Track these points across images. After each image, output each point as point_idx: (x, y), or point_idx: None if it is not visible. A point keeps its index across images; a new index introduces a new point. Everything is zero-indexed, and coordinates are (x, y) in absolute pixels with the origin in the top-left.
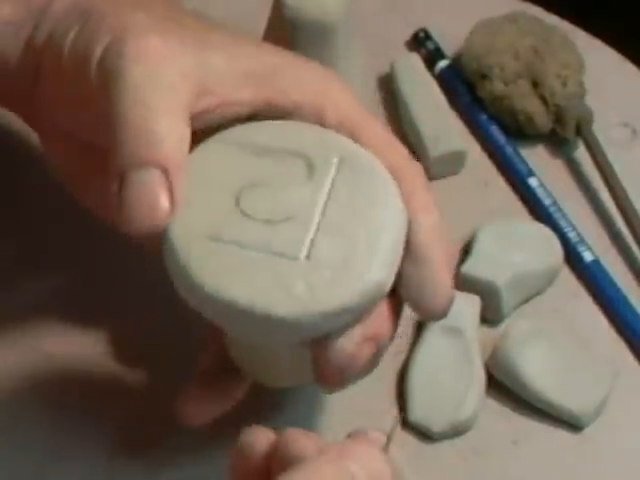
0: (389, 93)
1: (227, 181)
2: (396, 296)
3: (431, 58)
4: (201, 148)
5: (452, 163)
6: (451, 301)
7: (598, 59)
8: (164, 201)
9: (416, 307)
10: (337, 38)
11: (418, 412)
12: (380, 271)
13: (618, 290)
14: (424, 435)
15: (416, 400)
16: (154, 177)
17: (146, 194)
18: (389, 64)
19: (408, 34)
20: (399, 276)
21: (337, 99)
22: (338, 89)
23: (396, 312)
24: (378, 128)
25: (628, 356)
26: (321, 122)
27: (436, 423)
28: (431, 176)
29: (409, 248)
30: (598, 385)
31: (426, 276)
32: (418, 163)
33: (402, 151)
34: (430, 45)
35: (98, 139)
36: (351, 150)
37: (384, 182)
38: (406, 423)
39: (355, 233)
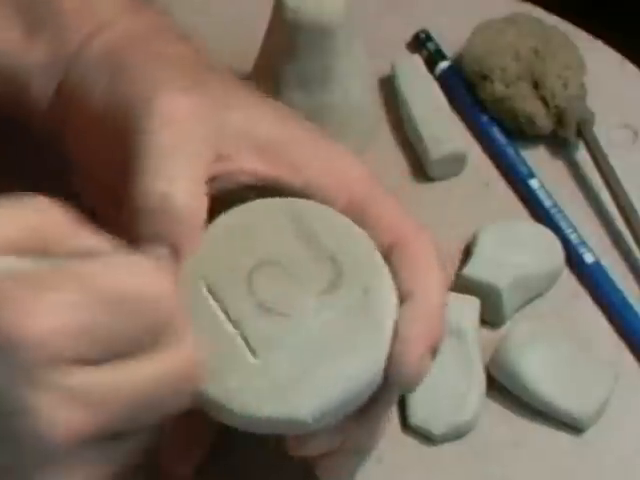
0: (390, 94)
1: (255, 246)
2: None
3: (432, 59)
4: (253, 206)
5: (453, 164)
6: (415, 381)
7: (599, 60)
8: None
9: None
10: (338, 39)
11: (419, 415)
12: (308, 413)
13: (619, 292)
14: (425, 438)
15: (417, 403)
16: (161, 255)
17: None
18: (390, 65)
19: (409, 35)
20: None
21: (350, 178)
22: (352, 167)
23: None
24: (387, 205)
25: (629, 358)
26: (329, 202)
27: (437, 426)
28: (432, 177)
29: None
30: (599, 387)
31: (394, 350)
32: (427, 234)
33: (410, 225)
34: (431, 46)
35: (118, 185)
36: (377, 283)
37: (381, 330)
38: (407, 426)
39: (317, 366)
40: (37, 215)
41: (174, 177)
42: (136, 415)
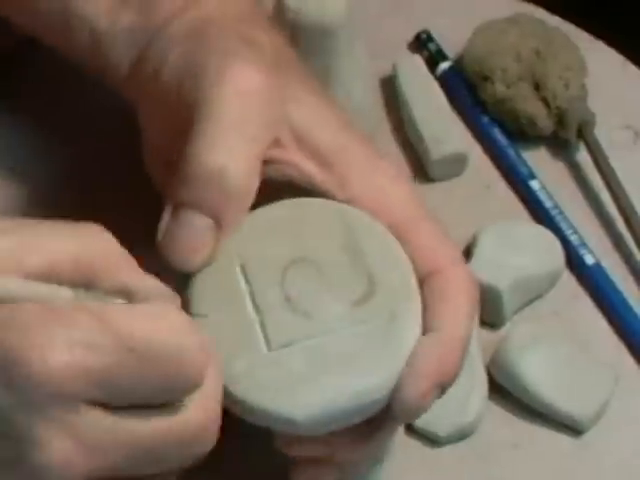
0: (391, 95)
1: (299, 241)
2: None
3: (433, 60)
4: (308, 202)
5: (454, 165)
6: (413, 415)
7: (600, 61)
8: (202, 253)
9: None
10: (339, 40)
11: (423, 417)
12: (303, 415)
13: (619, 293)
14: (427, 439)
15: None
16: (204, 225)
17: (189, 239)
18: (391, 66)
19: (410, 36)
20: None
21: (391, 201)
22: (395, 189)
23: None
24: (426, 233)
25: (629, 360)
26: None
27: (439, 427)
28: (432, 178)
29: None
30: (599, 389)
31: (401, 381)
32: (464, 268)
33: (447, 256)
34: (432, 47)
35: (173, 157)
36: (405, 310)
37: (395, 358)
38: (410, 428)
39: (324, 373)
40: (87, 244)
41: (232, 151)
42: (134, 465)
